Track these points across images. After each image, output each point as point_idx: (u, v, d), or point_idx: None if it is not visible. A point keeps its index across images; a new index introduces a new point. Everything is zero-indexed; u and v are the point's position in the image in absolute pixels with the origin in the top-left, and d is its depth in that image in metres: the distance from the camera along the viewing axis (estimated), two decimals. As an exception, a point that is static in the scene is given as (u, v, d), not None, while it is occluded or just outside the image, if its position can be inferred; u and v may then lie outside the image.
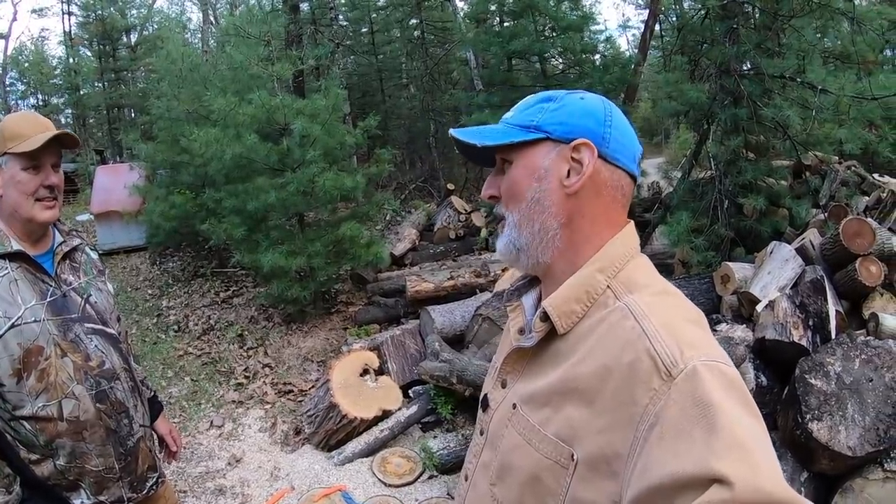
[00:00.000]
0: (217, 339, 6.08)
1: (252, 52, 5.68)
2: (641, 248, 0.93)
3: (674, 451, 0.65)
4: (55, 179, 1.67)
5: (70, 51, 14.39)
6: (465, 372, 3.74)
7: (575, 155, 0.87)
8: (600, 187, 0.88)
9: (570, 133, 0.88)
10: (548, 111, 0.90)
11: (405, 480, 3.65)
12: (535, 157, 0.90)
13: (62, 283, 1.70)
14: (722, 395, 0.67)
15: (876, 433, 2.53)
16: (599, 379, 0.76)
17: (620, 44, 17.79)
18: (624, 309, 0.80)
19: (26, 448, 1.60)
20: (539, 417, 0.84)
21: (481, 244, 7.84)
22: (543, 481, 0.80)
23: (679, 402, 0.68)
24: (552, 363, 0.85)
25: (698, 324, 0.81)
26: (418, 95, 12.36)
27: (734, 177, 5.02)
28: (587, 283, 0.85)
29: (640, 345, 0.74)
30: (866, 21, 4.34)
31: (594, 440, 0.75)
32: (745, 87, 4.67)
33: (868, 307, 3.40)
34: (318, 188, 5.34)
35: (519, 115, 0.93)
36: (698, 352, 0.72)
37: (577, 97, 0.91)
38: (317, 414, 4.13)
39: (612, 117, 0.89)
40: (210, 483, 3.90)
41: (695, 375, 0.69)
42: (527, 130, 0.90)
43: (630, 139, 0.91)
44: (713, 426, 0.64)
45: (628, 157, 0.90)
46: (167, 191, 6.86)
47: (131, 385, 1.80)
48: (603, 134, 0.88)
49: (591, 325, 0.83)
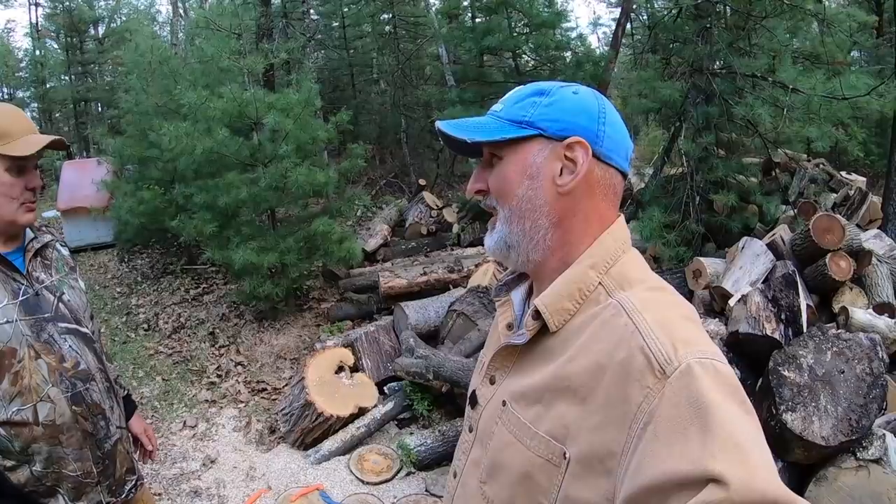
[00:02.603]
0: (188, 338, 5.95)
1: (224, 45, 5.55)
2: None
3: (668, 450, 0.64)
4: (38, 182, 1.61)
5: (36, 43, 13.93)
6: (441, 368, 3.72)
7: (568, 153, 0.85)
8: (593, 186, 0.86)
9: (564, 130, 0.86)
10: (540, 106, 0.87)
11: (383, 478, 3.63)
12: (527, 153, 0.87)
13: (34, 281, 1.63)
14: (717, 393, 0.66)
15: (848, 423, 2.59)
16: (592, 377, 0.75)
17: (591, 42, 17.95)
18: (616, 306, 0.79)
19: (1, 454, 1.54)
20: (530, 415, 0.82)
21: (454, 240, 7.83)
22: (535, 479, 0.79)
23: (673, 400, 0.67)
24: (543, 360, 0.84)
25: (691, 320, 0.80)
26: (389, 91, 12.27)
27: (706, 173, 5.10)
28: (579, 280, 0.84)
29: (634, 342, 0.73)
30: (836, 23, 4.45)
31: (587, 438, 0.74)
32: (717, 85, 4.74)
33: (838, 301, 3.49)
34: (291, 183, 5.25)
35: (510, 108, 0.90)
36: (692, 349, 0.71)
37: (570, 91, 0.89)
38: (292, 412, 4.07)
39: (606, 114, 0.88)
40: (185, 485, 3.81)
41: (689, 373, 0.68)
42: (519, 126, 0.87)
43: (623, 136, 0.89)
44: (708, 425, 0.63)
45: (621, 156, 0.88)
46: (136, 186, 6.68)
47: (107, 386, 1.74)
48: (597, 132, 0.86)
49: (583, 322, 0.82)
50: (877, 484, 2.46)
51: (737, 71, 4.61)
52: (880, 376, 2.74)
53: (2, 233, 1.60)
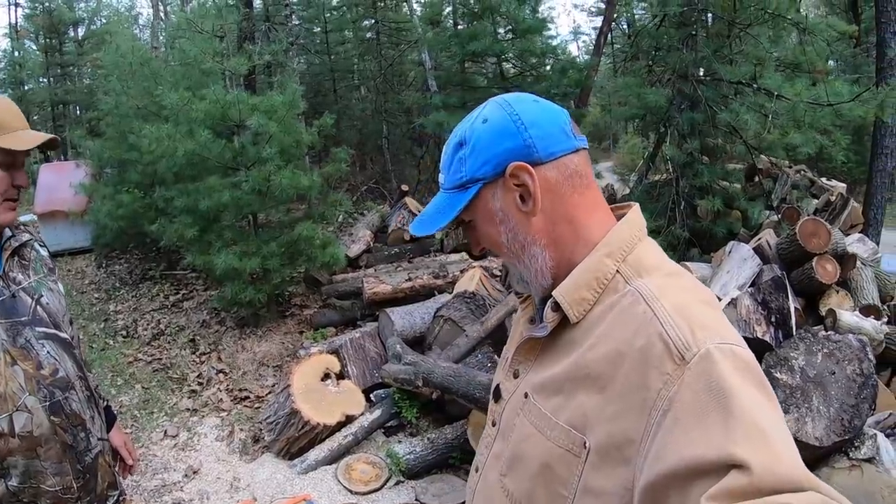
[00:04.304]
0: (168, 345, 5.82)
1: (207, 46, 5.47)
2: None
3: (689, 436, 0.64)
4: (24, 181, 1.52)
5: (15, 44, 13.62)
6: (431, 374, 3.67)
7: (515, 181, 0.85)
8: (556, 189, 0.85)
9: (498, 166, 0.85)
10: (467, 159, 0.88)
11: (371, 487, 3.55)
12: (485, 206, 0.89)
13: (10, 282, 1.53)
14: (737, 378, 0.66)
15: (841, 423, 2.61)
16: (611, 364, 0.75)
17: (571, 50, 18.15)
18: (634, 293, 0.79)
19: None
20: (551, 406, 0.83)
21: (437, 246, 7.79)
22: (555, 470, 0.79)
23: (693, 386, 0.66)
24: (565, 351, 0.84)
25: (710, 304, 0.79)
26: (370, 97, 12.22)
27: (691, 179, 5.15)
28: (596, 268, 0.84)
29: (652, 328, 0.72)
30: (816, 32, 4.53)
31: (606, 427, 0.73)
32: (702, 92, 4.79)
33: (825, 304, 3.53)
34: (275, 186, 5.18)
35: (449, 176, 0.92)
36: (711, 334, 0.70)
37: (480, 123, 0.88)
38: (277, 421, 3.98)
39: (521, 118, 0.86)
40: (167, 497, 3.70)
41: (708, 358, 0.67)
42: (463, 190, 0.89)
43: (549, 121, 0.86)
44: (729, 410, 0.63)
45: (560, 141, 0.86)
46: (115, 189, 6.54)
47: (87, 395, 1.64)
48: (524, 143, 0.85)
49: (602, 311, 0.81)
50: (870, 483, 2.47)
51: (722, 78, 4.66)
52: (870, 377, 2.77)
53: None
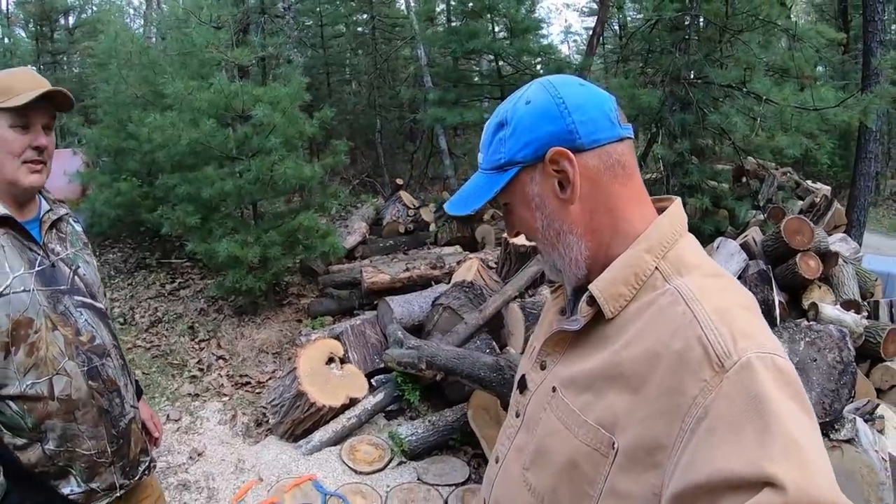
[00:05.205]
0: (166, 332, 5.89)
1: (210, 36, 5.54)
2: None
3: (723, 448, 0.63)
4: (45, 141, 1.54)
5: (6, 30, 13.45)
6: (435, 357, 3.80)
7: (554, 167, 0.83)
8: (596, 178, 0.83)
9: (539, 150, 0.84)
10: (507, 140, 0.87)
11: (375, 467, 3.68)
12: (522, 189, 0.87)
13: (50, 252, 1.58)
14: (777, 391, 0.64)
15: (822, 407, 2.80)
16: (646, 365, 0.73)
17: (562, 50, 18.37)
18: (674, 293, 0.77)
19: (11, 432, 1.47)
20: (580, 402, 0.81)
21: (431, 239, 7.92)
22: (581, 468, 0.78)
23: (731, 396, 0.65)
24: (597, 347, 0.82)
25: (751, 310, 0.77)
26: (363, 91, 12.28)
27: (680, 178, 5.33)
28: (634, 264, 0.82)
29: (691, 332, 0.71)
30: (805, 38, 4.72)
31: (637, 429, 0.72)
32: (693, 94, 4.97)
33: (807, 298, 3.72)
34: (278, 176, 5.27)
35: (487, 157, 0.90)
36: (752, 342, 0.69)
37: (522, 105, 0.86)
38: (282, 403, 4.09)
39: (565, 101, 0.83)
40: (173, 478, 3.79)
41: (749, 368, 0.66)
42: (501, 171, 0.87)
43: (594, 107, 0.84)
44: (767, 425, 0.62)
45: (604, 128, 0.83)
46: (112, 178, 6.57)
47: (121, 363, 1.71)
48: (567, 128, 0.83)
49: (638, 308, 0.79)
50: (850, 462, 2.65)
51: (713, 81, 4.85)
52: (849, 364, 2.95)
53: (11, 198, 1.53)
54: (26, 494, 1.49)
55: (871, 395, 3.35)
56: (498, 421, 3.71)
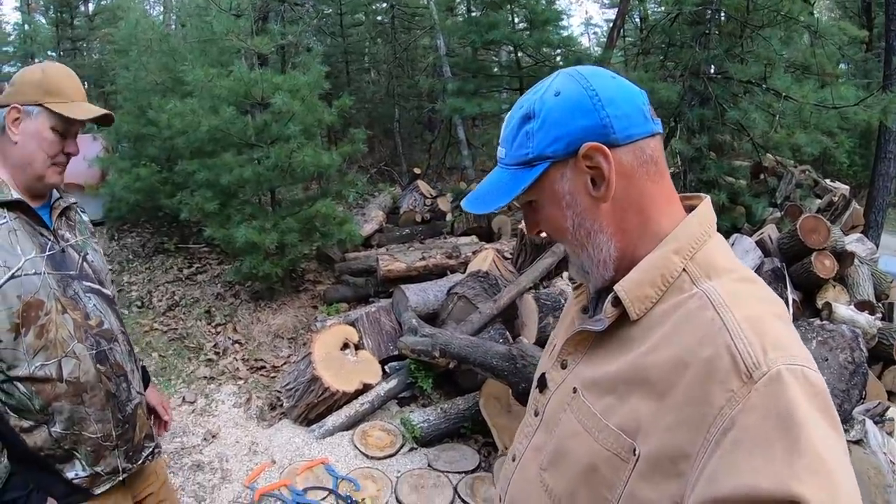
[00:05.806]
0: (183, 316, 5.99)
1: (231, 24, 5.59)
2: None
3: (749, 462, 0.61)
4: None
5: (26, 17, 13.58)
6: (449, 345, 3.85)
7: (588, 164, 0.80)
8: (630, 175, 0.81)
9: (571, 144, 0.80)
10: (535, 134, 0.82)
11: (387, 453, 3.74)
12: (552, 187, 0.83)
13: (60, 238, 1.63)
14: (807, 406, 0.63)
15: (832, 407, 2.81)
16: (673, 371, 0.71)
17: (582, 42, 18.26)
18: (703, 297, 0.74)
19: (18, 414, 1.48)
20: (601, 405, 0.79)
21: (448, 229, 7.96)
22: (600, 472, 0.77)
23: (760, 409, 0.63)
24: (621, 349, 0.80)
25: (782, 319, 0.74)
26: (381, 80, 12.29)
27: (698, 173, 5.32)
28: (662, 265, 0.79)
29: (720, 339, 0.69)
30: (827, 35, 4.67)
31: (660, 436, 0.70)
32: (713, 89, 4.95)
33: (822, 297, 3.71)
34: (297, 163, 5.33)
35: (511, 151, 0.86)
36: (783, 353, 0.67)
37: (551, 97, 0.82)
38: (297, 387, 4.17)
39: (599, 94, 0.80)
40: (187, 459, 3.87)
41: (779, 381, 0.64)
42: (528, 167, 0.83)
43: (627, 101, 0.81)
44: (795, 442, 0.60)
45: (638, 123, 0.81)
46: (131, 163, 6.67)
47: (128, 349, 1.74)
48: (601, 122, 0.79)
49: (665, 311, 0.77)
50: (858, 463, 2.66)
51: (732, 76, 4.81)
52: (861, 365, 2.95)
53: (29, 189, 1.59)
54: (30, 478, 1.50)
55: (882, 398, 3.34)
56: (509, 410, 3.76)
